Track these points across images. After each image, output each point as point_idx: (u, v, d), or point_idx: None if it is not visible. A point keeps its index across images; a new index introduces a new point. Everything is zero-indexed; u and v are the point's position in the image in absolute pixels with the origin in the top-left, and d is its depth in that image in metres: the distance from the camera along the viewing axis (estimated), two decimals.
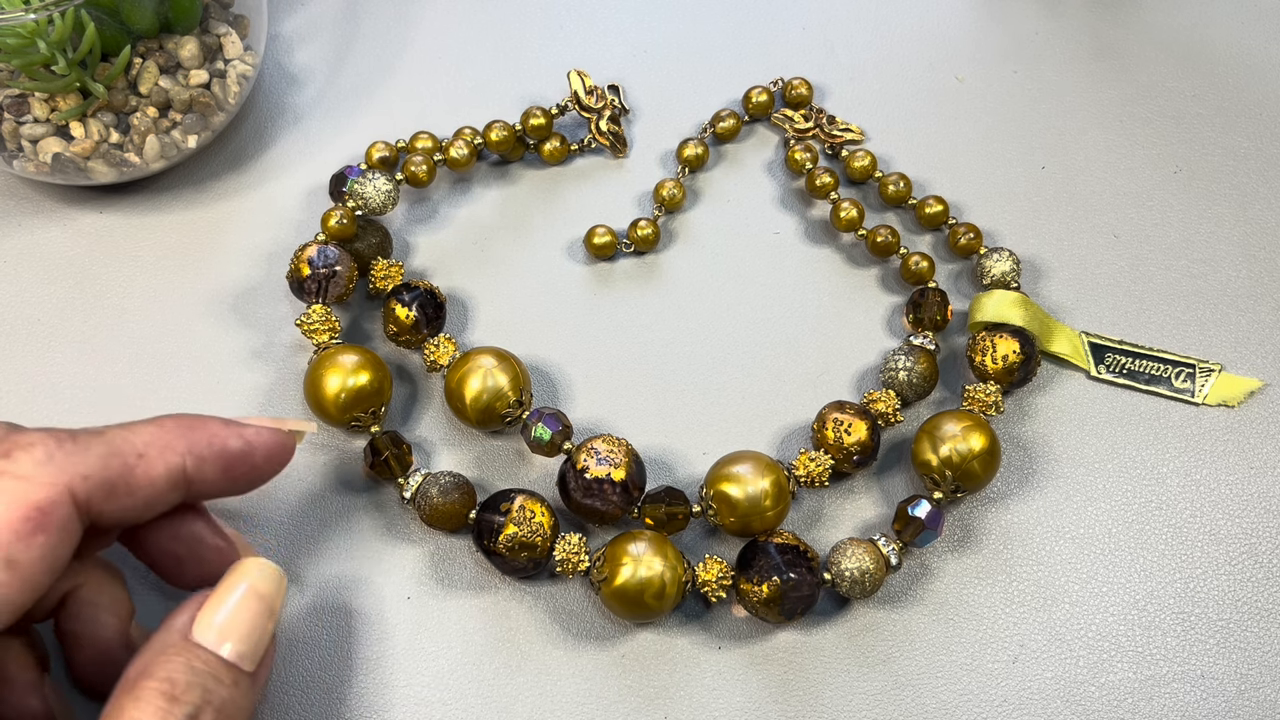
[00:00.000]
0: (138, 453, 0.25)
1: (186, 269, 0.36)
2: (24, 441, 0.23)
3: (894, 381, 0.34)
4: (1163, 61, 0.42)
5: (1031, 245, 0.38)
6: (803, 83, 0.40)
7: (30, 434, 0.24)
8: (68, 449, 0.24)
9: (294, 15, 0.42)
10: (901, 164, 0.39)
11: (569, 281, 0.37)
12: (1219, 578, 0.32)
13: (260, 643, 0.26)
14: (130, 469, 0.25)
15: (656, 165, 0.39)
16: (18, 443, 0.23)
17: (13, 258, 0.36)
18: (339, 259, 0.34)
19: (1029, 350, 0.33)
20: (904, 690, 0.30)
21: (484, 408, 0.32)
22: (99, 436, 0.25)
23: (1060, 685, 0.30)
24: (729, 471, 0.31)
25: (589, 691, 0.30)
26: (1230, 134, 0.40)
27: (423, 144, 0.38)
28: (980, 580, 0.32)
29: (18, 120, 0.34)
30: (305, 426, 0.30)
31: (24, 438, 0.24)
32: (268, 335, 0.35)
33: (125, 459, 0.25)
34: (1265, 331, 0.36)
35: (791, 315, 0.36)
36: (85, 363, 0.35)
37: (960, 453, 0.31)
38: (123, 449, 0.25)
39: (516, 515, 0.30)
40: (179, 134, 0.36)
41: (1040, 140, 0.40)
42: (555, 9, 0.43)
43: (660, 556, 0.30)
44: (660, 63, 0.41)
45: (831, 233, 0.38)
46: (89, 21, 0.32)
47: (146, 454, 0.25)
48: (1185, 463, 0.34)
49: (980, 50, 0.42)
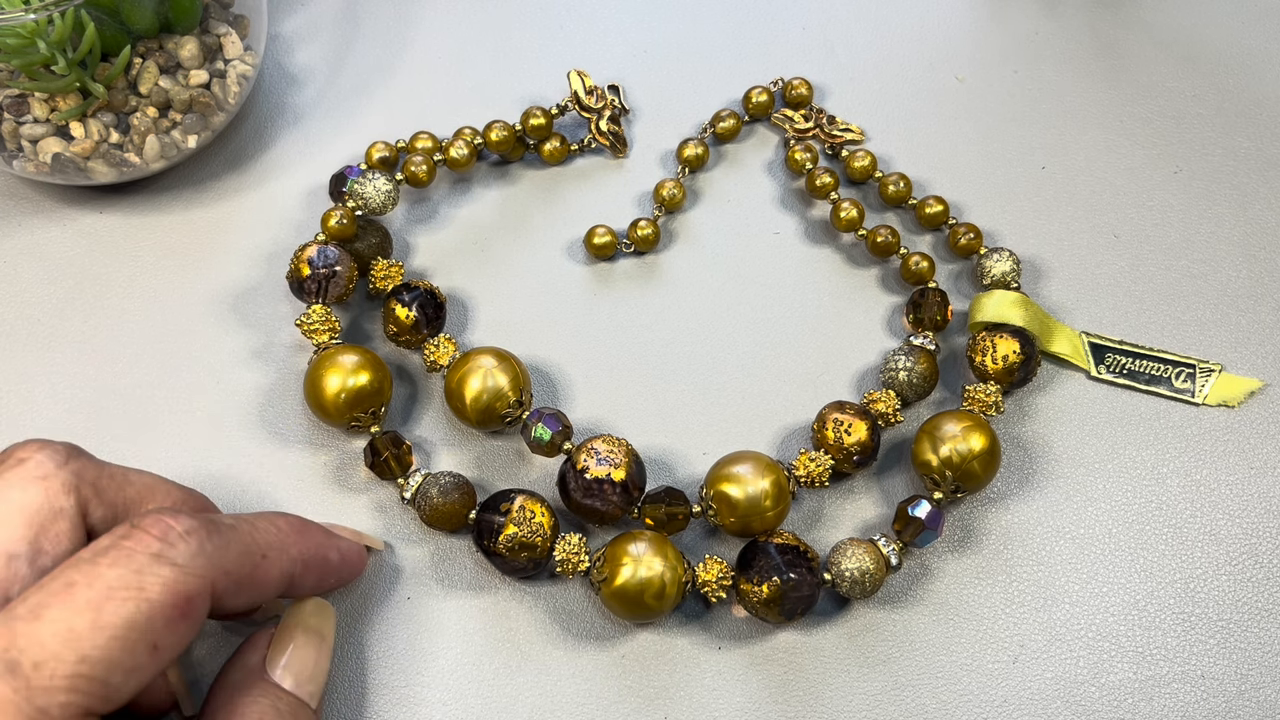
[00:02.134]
0: (263, 554, 0.26)
1: (186, 269, 0.36)
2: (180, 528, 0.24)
3: (894, 381, 0.34)
4: (1163, 61, 0.42)
5: (1031, 245, 0.38)
6: (803, 83, 0.40)
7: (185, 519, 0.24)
8: (216, 543, 0.24)
9: (294, 15, 0.42)
10: (901, 164, 0.39)
11: (569, 281, 0.37)
12: (1219, 578, 0.32)
13: (323, 680, 0.27)
14: (256, 569, 0.25)
15: (656, 165, 0.39)
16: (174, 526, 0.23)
17: (13, 258, 0.36)
18: (339, 259, 0.34)
19: (1029, 350, 0.33)
20: (904, 690, 0.30)
21: (484, 408, 0.32)
22: (235, 531, 0.25)
23: (1060, 685, 0.30)
24: (729, 472, 0.31)
25: (589, 691, 0.30)
26: (1230, 134, 0.40)
27: (423, 144, 0.38)
28: (980, 580, 0.32)
29: (18, 120, 0.34)
30: (378, 545, 0.31)
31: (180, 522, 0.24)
32: (268, 335, 0.35)
33: (254, 558, 0.25)
34: (1265, 331, 0.36)
35: (791, 315, 0.36)
36: (85, 363, 0.35)
37: (960, 453, 0.31)
38: (252, 548, 0.25)
39: (516, 515, 0.30)
40: (179, 134, 0.36)
41: (1040, 140, 0.40)
42: (555, 9, 0.43)
43: (660, 557, 0.30)
44: (660, 63, 0.41)
45: (831, 233, 0.38)
46: (89, 21, 0.32)
47: (269, 556, 0.26)
48: (1185, 463, 0.34)
49: (980, 50, 0.42)
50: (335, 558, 0.29)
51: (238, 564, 0.25)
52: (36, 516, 0.24)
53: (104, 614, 0.21)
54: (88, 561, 0.22)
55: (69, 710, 0.21)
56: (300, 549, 0.27)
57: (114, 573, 0.22)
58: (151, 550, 0.23)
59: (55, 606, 0.21)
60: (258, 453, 0.33)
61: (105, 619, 0.21)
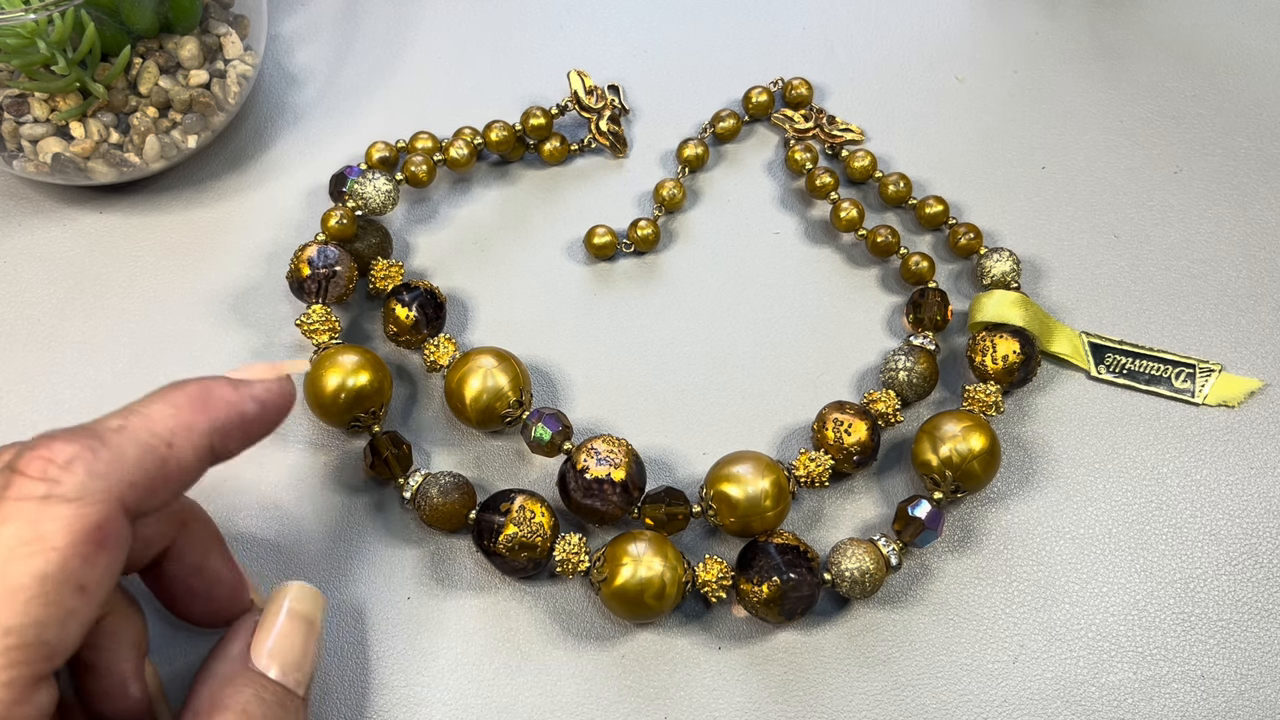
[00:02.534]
0: (166, 442, 0.23)
1: (186, 269, 0.36)
2: (60, 458, 0.22)
3: (894, 381, 0.34)
4: (1163, 61, 0.42)
5: (1031, 245, 0.38)
6: (803, 83, 0.40)
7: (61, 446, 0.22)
8: (106, 457, 0.22)
9: (294, 15, 0.42)
10: (901, 164, 0.39)
11: (569, 281, 0.37)
12: (1219, 578, 0.32)
13: (311, 667, 0.26)
14: (164, 462, 0.23)
15: (656, 165, 0.39)
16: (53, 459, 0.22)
17: (13, 258, 0.36)
18: (339, 259, 0.34)
19: (1029, 350, 0.33)
20: (904, 690, 0.30)
21: (484, 408, 0.32)
22: (125, 434, 0.23)
23: (1060, 685, 0.30)
24: (729, 472, 0.31)
25: (589, 691, 0.30)
26: (1230, 134, 0.40)
27: (423, 144, 0.38)
28: (980, 580, 0.32)
29: (18, 120, 0.34)
30: (298, 367, 0.28)
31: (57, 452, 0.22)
32: (268, 335, 0.35)
33: (158, 453, 0.23)
34: (1265, 331, 0.36)
35: (791, 315, 0.36)
36: (85, 363, 0.35)
37: (960, 453, 0.31)
38: (152, 443, 0.23)
39: (516, 515, 0.30)
40: (179, 134, 0.36)
41: (1040, 140, 0.40)
42: (555, 9, 0.43)
43: (660, 557, 0.30)
44: (660, 63, 0.41)
45: (831, 233, 0.38)
46: (89, 21, 0.32)
47: (175, 442, 0.23)
48: (1185, 463, 0.34)
49: (980, 50, 0.42)
50: (254, 408, 0.25)
51: (140, 468, 0.22)
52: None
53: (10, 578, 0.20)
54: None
55: (16, 684, 0.20)
56: (209, 418, 0.24)
57: (7, 530, 0.21)
58: (37, 494, 0.21)
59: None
60: (258, 453, 0.33)
61: (13, 582, 0.20)
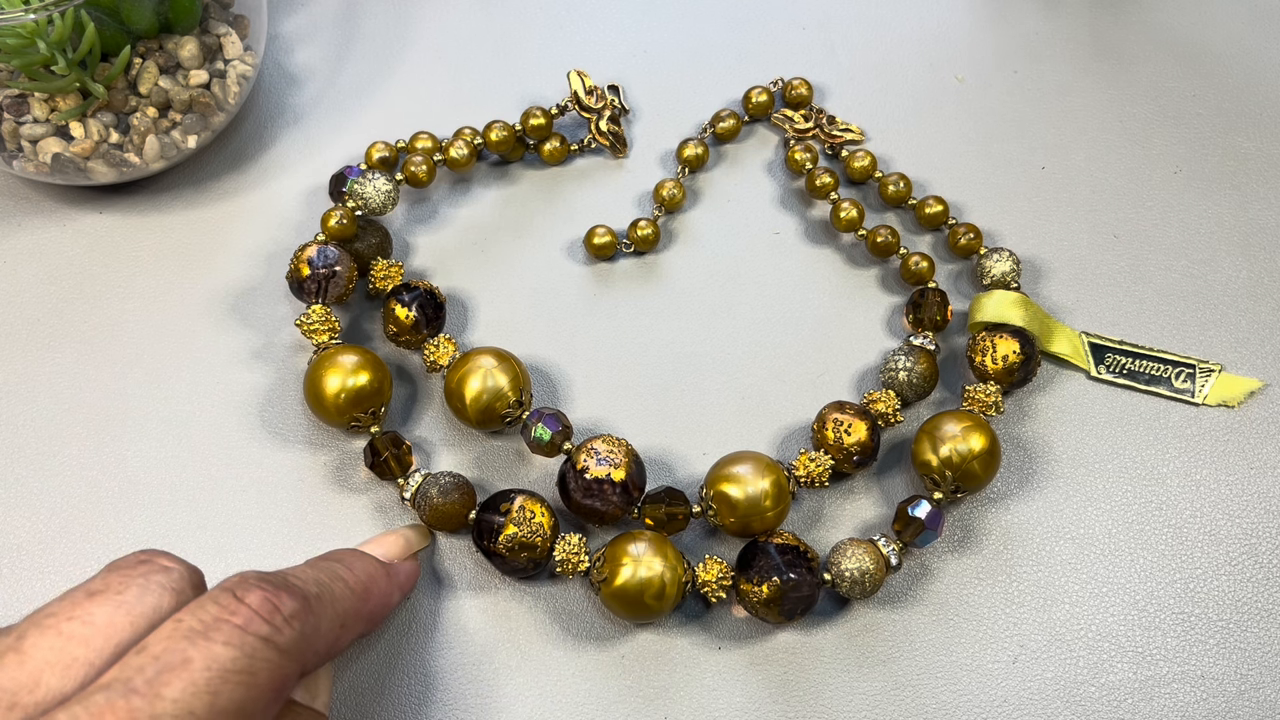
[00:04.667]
0: (341, 623, 0.25)
1: (186, 269, 0.36)
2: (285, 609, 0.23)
3: (894, 382, 0.34)
4: (1163, 61, 0.42)
5: (1031, 245, 0.38)
6: (803, 83, 0.40)
7: (287, 599, 0.23)
8: (311, 624, 0.23)
9: (294, 15, 0.42)
10: (901, 164, 0.39)
11: (569, 281, 0.37)
12: (1219, 578, 0.32)
13: (330, 688, 0.27)
14: (336, 641, 0.25)
15: (656, 165, 0.39)
16: (280, 609, 0.23)
17: (13, 258, 0.36)
18: (339, 259, 0.34)
19: (1029, 350, 0.33)
20: (904, 690, 0.30)
21: (484, 408, 0.32)
22: (322, 606, 0.24)
23: (1060, 685, 0.30)
24: (729, 472, 0.31)
25: (589, 691, 0.30)
26: (1230, 134, 0.40)
27: (423, 144, 0.38)
28: (980, 580, 0.32)
29: (18, 120, 0.34)
30: (425, 542, 0.32)
31: (284, 602, 0.23)
32: (268, 335, 0.35)
33: (335, 632, 0.25)
34: (1265, 331, 0.36)
35: (791, 315, 0.36)
36: (85, 363, 0.35)
37: (960, 453, 0.31)
38: (334, 622, 0.25)
39: (516, 515, 0.30)
40: (179, 134, 0.36)
41: (1040, 140, 0.40)
42: (555, 9, 0.43)
43: (660, 557, 0.30)
44: (660, 63, 0.41)
45: (831, 233, 0.38)
46: (89, 21, 0.32)
47: (347, 625, 0.25)
48: (1185, 463, 0.34)
49: (980, 50, 0.42)
50: (398, 599, 0.29)
51: (325, 645, 0.24)
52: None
53: (220, 698, 0.21)
54: (200, 635, 0.21)
55: None
56: (369, 608, 0.27)
57: (228, 654, 0.21)
58: (262, 633, 0.22)
59: (174, 685, 0.20)
60: (258, 453, 0.33)
61: (221, 704, 0.21)
